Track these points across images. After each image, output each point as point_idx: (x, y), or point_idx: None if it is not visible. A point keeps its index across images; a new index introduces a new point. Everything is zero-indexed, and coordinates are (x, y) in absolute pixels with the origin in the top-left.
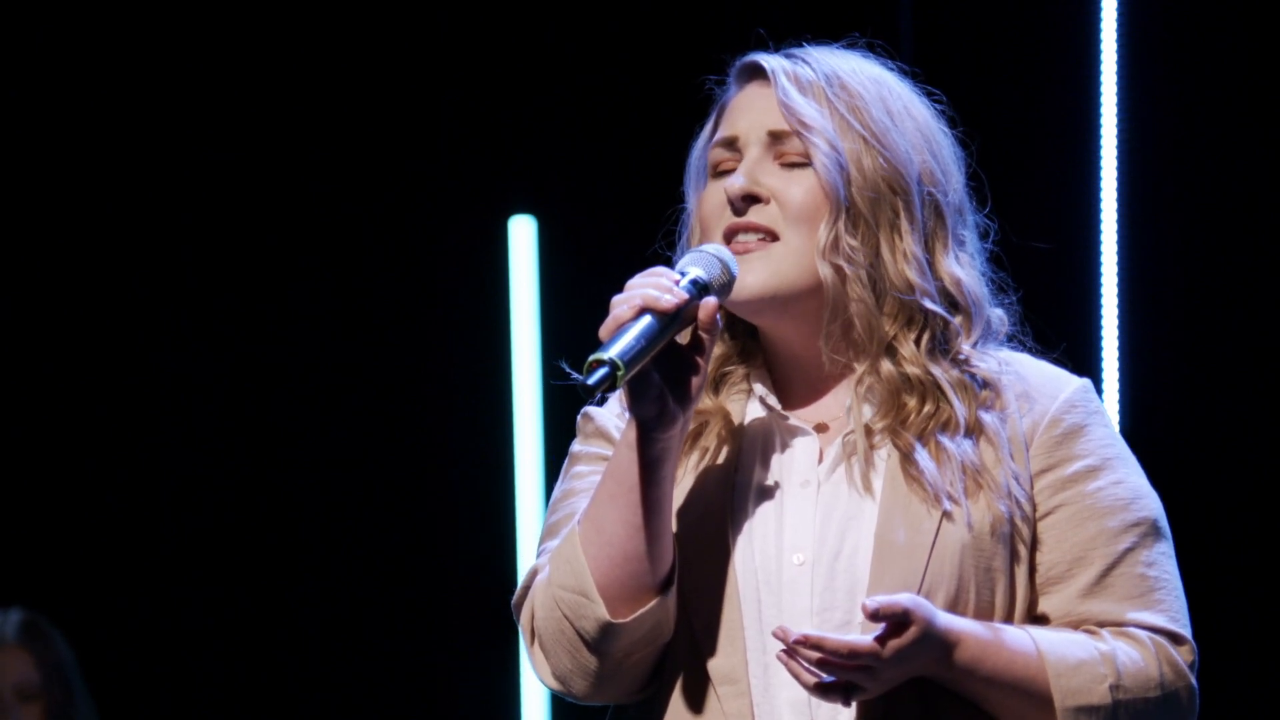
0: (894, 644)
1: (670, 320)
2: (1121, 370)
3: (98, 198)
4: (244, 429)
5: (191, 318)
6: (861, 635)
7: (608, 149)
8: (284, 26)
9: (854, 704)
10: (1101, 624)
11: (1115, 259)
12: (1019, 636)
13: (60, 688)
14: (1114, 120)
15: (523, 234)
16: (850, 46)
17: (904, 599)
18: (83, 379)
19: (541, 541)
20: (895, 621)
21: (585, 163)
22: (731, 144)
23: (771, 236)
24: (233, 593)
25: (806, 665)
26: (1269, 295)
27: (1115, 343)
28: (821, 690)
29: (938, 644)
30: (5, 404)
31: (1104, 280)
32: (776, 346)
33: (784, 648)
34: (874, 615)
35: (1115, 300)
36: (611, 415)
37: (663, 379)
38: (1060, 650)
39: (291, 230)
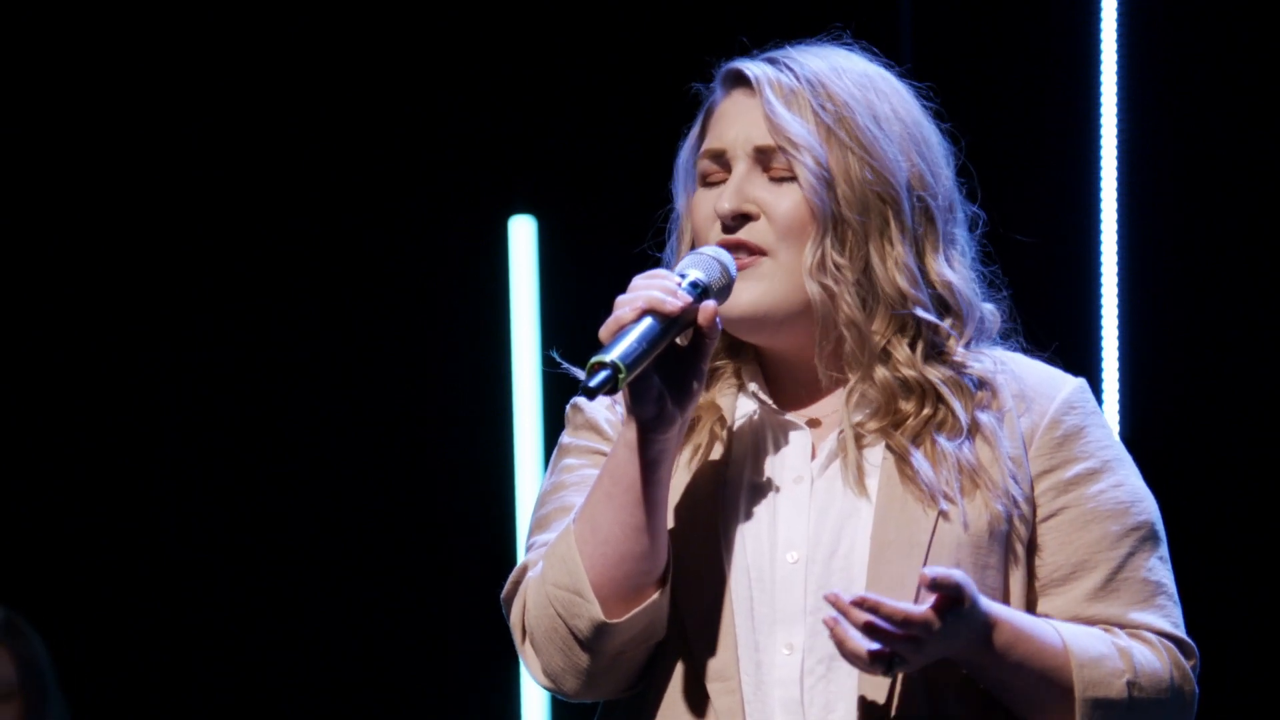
0: (947, 616)
1: (672, 323)
2: (1121, 369)
3: (97, 198)
4: (244, 429)
5: (191, 318)
6: (915, 604)
7: (608, 149)
8: (284, 27)
9: (856, 699)
10: (1109, 626)
11: (1115, 258)
12: (1043, 626)
13: (36, 687)
14: (1114, 120)
15: (523, 234)
16: (836, 41)
17: (957, 573)
18: (81, 378)
19: (531, 534)
20: (948, 594)
21: (585, 163)
22: (719, 156)
23: (762, 253)
24: (232, 592)
25: (854, 634)
26: (1269, 293)
27: (1115, 342)
28: (867, 659)
29: (979, 623)
30: (2, 404)
31: (1104, 280)
32: (768, 353)
33: (832, 613)
34: (932, 584)
35: (1115, 300)
36: (601, 407)
37: (662, 381)
38: (1082, 642)
39: (292, 230)
